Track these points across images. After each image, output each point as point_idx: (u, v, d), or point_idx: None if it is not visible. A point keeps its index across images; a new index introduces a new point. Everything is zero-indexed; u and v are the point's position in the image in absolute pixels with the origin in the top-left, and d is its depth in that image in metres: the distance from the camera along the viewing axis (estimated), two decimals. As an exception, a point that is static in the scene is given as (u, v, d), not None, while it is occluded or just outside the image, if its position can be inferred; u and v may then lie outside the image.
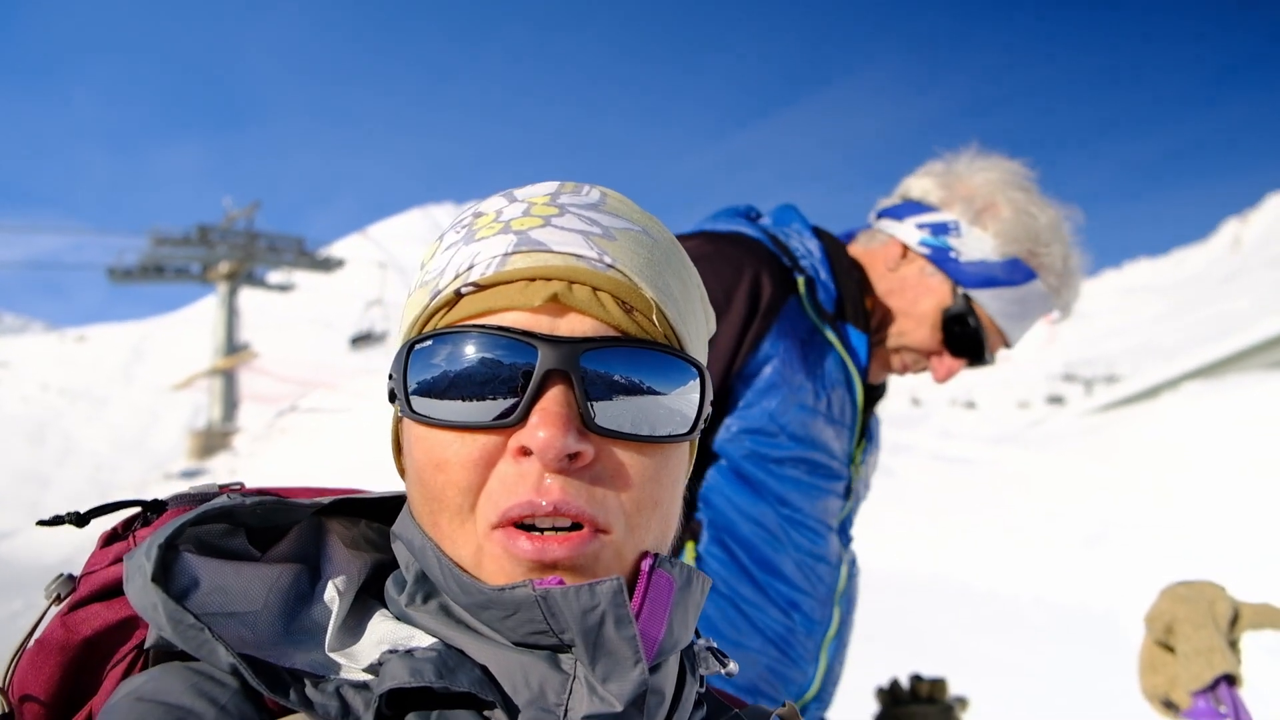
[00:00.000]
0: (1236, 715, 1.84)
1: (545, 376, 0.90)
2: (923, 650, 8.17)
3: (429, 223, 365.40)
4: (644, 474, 0.95)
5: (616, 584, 0.88)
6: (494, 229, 1.00)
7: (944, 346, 2.36)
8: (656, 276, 1.00)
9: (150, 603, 0.86)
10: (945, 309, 2.32)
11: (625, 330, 0.95)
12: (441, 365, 0.94)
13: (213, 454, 46.22)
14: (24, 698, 0.94)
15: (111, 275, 67.87)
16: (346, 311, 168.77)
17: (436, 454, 0.94)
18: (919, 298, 2.36)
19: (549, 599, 0.87)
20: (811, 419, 2.24)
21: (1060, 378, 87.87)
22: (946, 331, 2.34)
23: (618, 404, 0.93)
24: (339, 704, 0.86)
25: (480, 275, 0.96)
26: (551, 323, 0.93)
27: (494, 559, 0.92)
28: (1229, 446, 17.32)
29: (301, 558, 1.04)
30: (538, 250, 0.96)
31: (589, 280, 0.95)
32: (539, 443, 0.88)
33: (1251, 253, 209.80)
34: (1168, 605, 1.96)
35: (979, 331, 2.30)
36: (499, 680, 0.90)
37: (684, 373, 0.98)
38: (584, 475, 0.92)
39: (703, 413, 0.99)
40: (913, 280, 2.37)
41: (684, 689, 1.02)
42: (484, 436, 0.92)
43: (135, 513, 1.08)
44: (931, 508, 16.06)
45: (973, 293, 2.29)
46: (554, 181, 1.07)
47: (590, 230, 0.99)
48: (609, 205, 1.05)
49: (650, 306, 0.97)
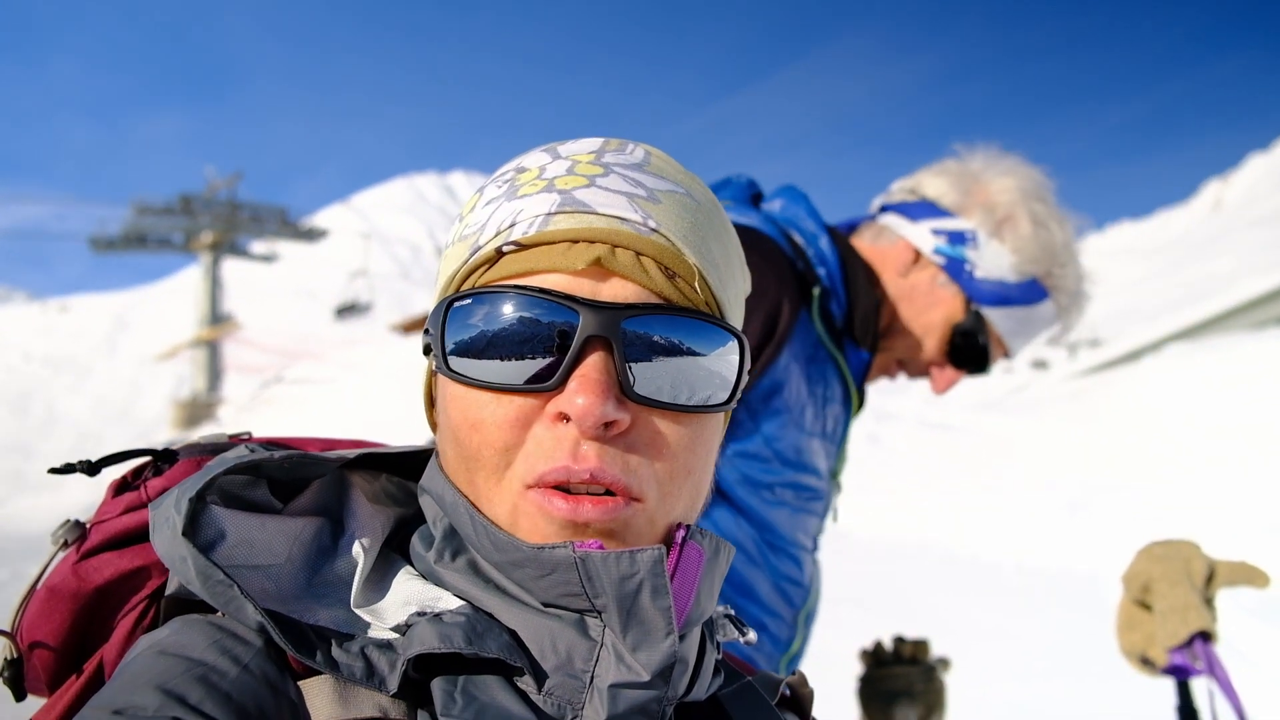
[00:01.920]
0: (1212, 671, 1.88)
1: (586, 342, 0.89)
2: (907, 615, 8.25)
3: (413, 193, 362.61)
4: (679, 443, 0.94)
5: (657, 553, 0.87)
6: (537, 186, 0.98)
7: (946, 358, 2.30)
8: (700, 241, 0.99)
9: (179, 555, 0.86)
10: (956, 324, 2.25)
11: (667, 297, 0.94)
12: (480, 324, 0.93)
13: (197, 424, 46.05)
14: (34, 644, 0.95)
15: (94, 245, 67.35)
16: (330, 282, 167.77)
17: (473, 414, 0.93)
18: (928, 308, 2.28)
19: (588, 562, 0.87)
20: (806, 440, 2.18)
21: (1043, 342, 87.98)
22: (952, 344, 2.27)
23: (656, 371, 0.92)
24: (364, 665, 0.86)
25: (522, 234, 0.94)
26: (594, 287, 0.92)
27: (528, 517, 0.91)
28: (1211, 409, 17.43)
29: (324, 511, 1.04)
30: (582, 211, 0.94)
31: (632, 244, 0.93)
32: (578, 409, 0.87)
33: (1233, 213, 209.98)
34: (1144, 564, 1.99)
35: (986, 347, 2.24)
36: (527, 645, 0.91)
37: (724, 341, 0.96)
38: (619, 443, 0.91)
39: (741, 381, 0.98)
40: (923, 289, 2.28)
41: (704, 657, 1.02)
42: (521, 399, 0.92)
43: (145, 462, 1.08)
44: (916, 474, 16.16)
45: (985, 309, 2.23)
46: (599, 138, 1.04)
47: (635, 192, 0.97)
48: (653, 165, 1.03)
49: (693, 273, 0.96)
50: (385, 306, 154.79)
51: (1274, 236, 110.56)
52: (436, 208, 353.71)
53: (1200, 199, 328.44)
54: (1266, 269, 39.05)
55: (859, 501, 13.91)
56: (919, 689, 2.28)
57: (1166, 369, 21.54)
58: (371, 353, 42.68)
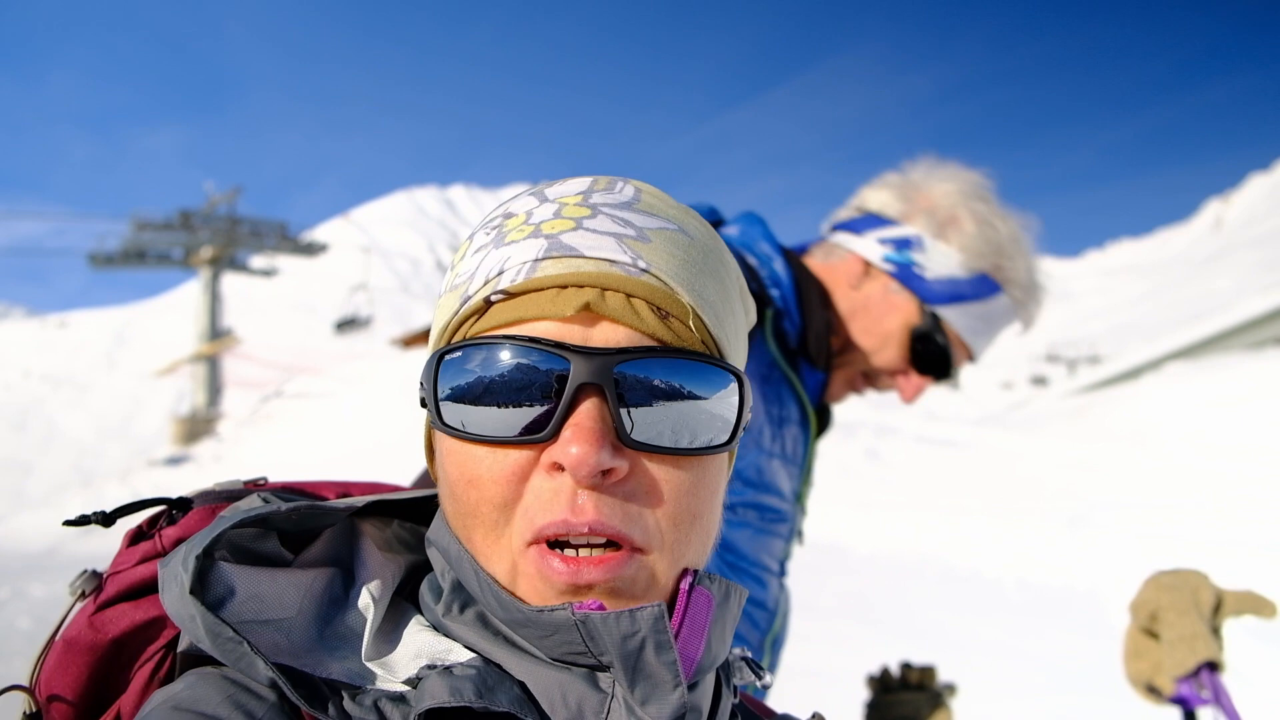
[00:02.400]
0: (1219, 700, 1.87)
1: (578, 390, 0.88)
2: (906, 631, 8.23)
3: (412, 206, 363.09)
4: (681, 487, 0.92)
5: (657, 610, 0.87)
6: (524, 232, 0.96)
7: (910, 365, 2.28)
8: (693, 279, 0.97)
9: (188, 614, 0.86)
10: (913, 328, 2.25)
11: (661, 338, 0.92)
12: (471, 375, 0.91)
13: (197, 440, 45.90)
14: (51, 697, 0.94)
15: (93, 261, 67.27)
16: (330, 296, 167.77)
17: (469, 469, 0.92)
18: (884, 316, 2.27)
19: (588, 624, 0.87)
20: (766, 461, 2.15)
21: (1043, 358, 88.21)
22: (913, 350, 2.26)
23: (654, 415, 0.90)
24: (376, 718, 0.86)
25: (510, 282, 0.93)
26: (584, 333, 0.90)
27: (528, 578, 0.90)
28: (1210, 427, 17.45)
29: (334, 560, 1.04)
30: (569, 256, 0.93)
31: (622, 286, 0.92)
32: (571, 459, 0.86)
33: (1233, 233, 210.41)
34: (1152, 593, 1.99)
35: (947, 349, 2.24)
36: (537, 698, 0.90)
37: (722, 380, 0.95)
38: (618, 491, 0.89)
39: (742, 420, 0.97)
40: (877, 298, 2.29)
41: (720, 703, 1.01)
42: (516, 451, 0.90)
43: (160, 511, 1.07)
44: (916, 490, 16.13)
45: (939, 309, 2.23)
46: (587, 177, 1.03)
47: (623, 232, 0.96)
48: (644, 203, 1.01)
49: (687, 312, 0.94)
50: (385, 320, 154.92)
51: (1274, 256, 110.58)
52: (437, 221, 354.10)
53: (1201, 218, 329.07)
54: (1266, 289, 39.11)
55: (859, 517, 13.90)
56: (925, 716, 2.28)
57: (1166, 387, 21.58)
58: (372, 367, 42.62)
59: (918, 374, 2.29)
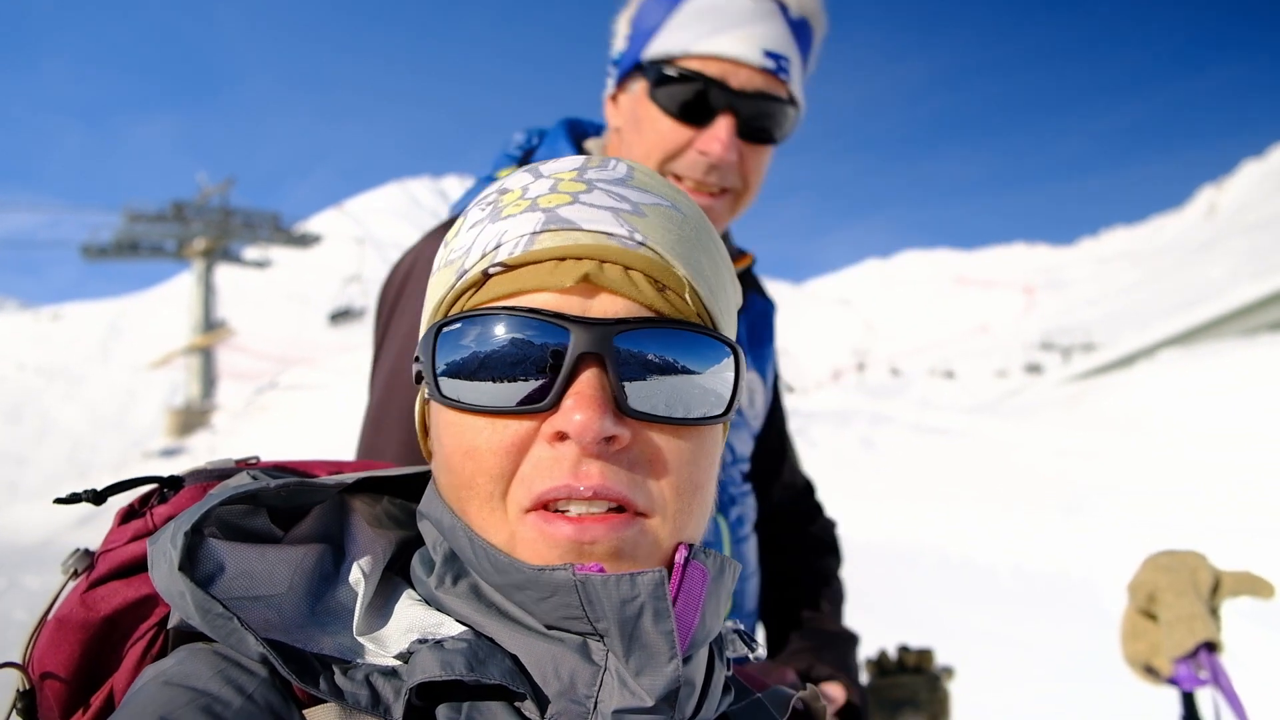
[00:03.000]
0: (1216, 680, 1.87)
1: (578, 359, 0.89)
2: (902, 619, 8.25)
3: (406, 197, 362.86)
4: (682, 457, 0.93)
5: (658, 576, 0.87)
6: (521, 206, 0.97)
7: (687, 122, 1.89)
8: (688, 253, 0.98)
9: (177, 590, 0.86)
10: (650, 91, 1.91)
11: (658, 310, 0.93)
12: (470, 348, 0.92)
13: (192, 432, 45.95)
14: (45, 675, 0.94)
15: (86, 253, 67.22)
16: (324, 287, 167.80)
17: (467, 440, 0.92)
18: (636, 117, 1.96)
19: (588, 585, 0.86)
20: None
21: (1038, 346, 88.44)
22: (670, 107, 1.88)
23: (651, 386, 0.91)
24: (369, 693, 0.85)
25: (508, 255, 0.93)
26: (583, 304, 0.91)
27: (528, 543, 0.90)
28: (1203, 414, 17.52)
29: (325, 537, 1.03)
30: (567, 228, 0.94)
31: (620, 259, 0.93)
32: (575, 426, 0.86)
33: (1227, 220, 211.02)
34: (1150, 574, 1.99)
35: (687, 73, 1.85)
36: (529, 670, 0.90)
37: (718, 352, 0.96)
38: (621, 459, 0.90)
39: (737, 392, 0.98)
40: (627, 113, 2.00)
41: (713, 675, 1.01)
42: (515, 422, 0.91)
43: (152, 489, 1.07)
44: (910, 478, 16.18)
45: (648, 53, 1.91)
46: (579, 156, 1.04)
47: (620, 207, 0.97)
48: (636, 180, 1.02)
49: (683, 285, 0.95)
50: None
51: (1267, 243, 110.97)
52: (430, 212, 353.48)
53: (1195, 205, 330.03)
54: (1259, 275, 39.25)
55: (853, 505, 13.92)
56: (923, 698, 2.28)
57: (1160, 374, 21.66)
58: (367, 358, 42.57)
59: (703, 125, 1.88)
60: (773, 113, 1.90)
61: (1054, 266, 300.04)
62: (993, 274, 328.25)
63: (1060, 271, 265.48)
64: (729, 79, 1.84)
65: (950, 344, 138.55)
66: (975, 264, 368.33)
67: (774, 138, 1.94)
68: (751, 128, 1.89)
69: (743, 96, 1.85)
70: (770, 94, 1.87)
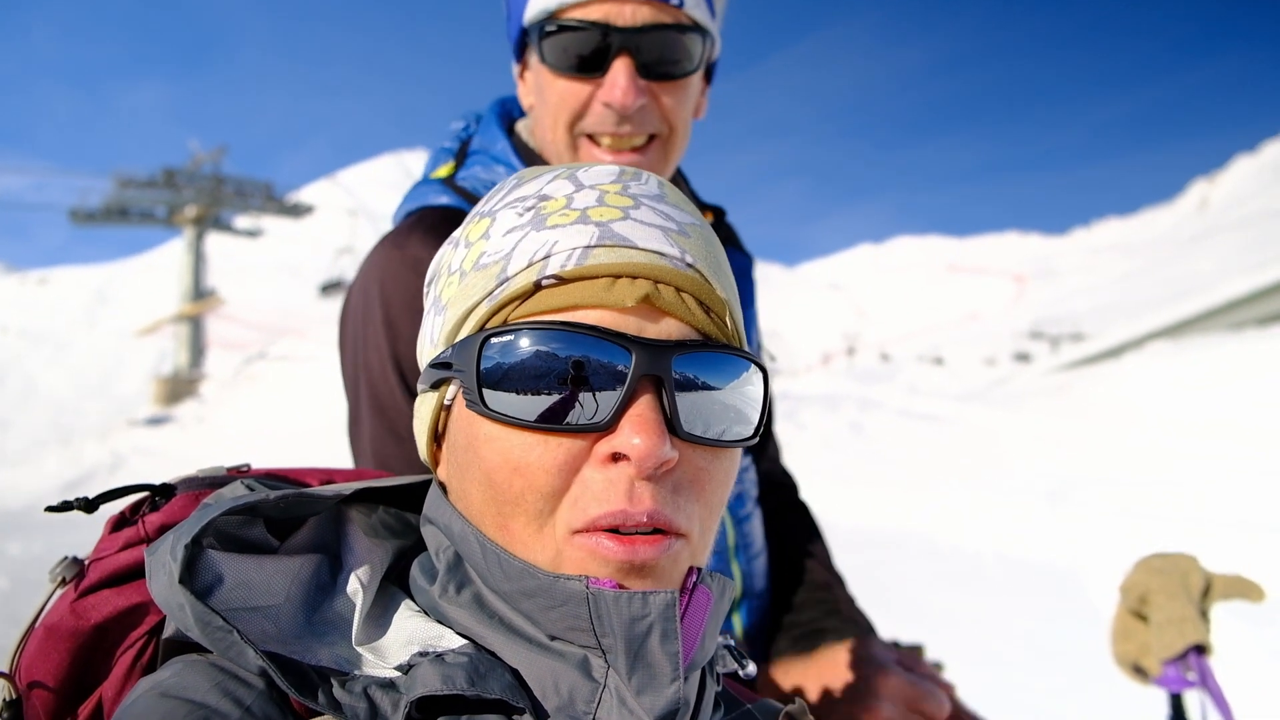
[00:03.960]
0: (1205, 683, 1.88)
1: (639, 381, 0.88)
2: (887, 606, 8.25)
3: (400, 169, 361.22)
4: (717, 478, 0.94)
5: (670, 597, 0.86)
6: (569, 217, 0.95)
7: (583, 76, 1.75)
8: (724, 274, 1.00)
9: (177, 603, 0.85)
10: (539, 54, 1.77)
11: (705, 332, 0.94)
12: (522, 360, 0.90)
13: (179, 400, 45.87)
14: (33, 684, 0.93)
15: (74, 217, 66.88)
16: (315, 258, 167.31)
17: (515, 456, 0.90)
18: (539, 86, 1.83)
19: (599, 600, 0.86)
20: None
21: (1027, 335, 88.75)
22: (560, 65, 1.75)
23: (699, 408, 0.92)
24: (367, 705, 0.85)
25: (560, 267, 0.91)
26: (640, 324, 0.90)
27: (576, 563, 0.89)
28: (1190, 406, 17.62)
29: (321, 547, 1.03)
30: (622, 245, 0.92)
31: (673, 280, 0.92)
32: (637, 450, 0.85)
33: (1218, 214, 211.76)
34: (1142, 576, 1.99)
35: (568, 24, 1.71)
36: (529, 684, 0.90)
37: (754, 375, 0.97)
38: (667, 482, 0.90)
39: (765, 413, 0.99)
40: (532, 86, 1.87)
41: (704, 692, 1.01)
42: (569, 440, 0.89)
43: (143, 497, 1.07)
44: (898, 465, 16.25)
45: (528, 15, 1.77)
46: (614, 166, 1.03)
47: (667, 226, 0.96)
48: (670, 196, 1.02)
49: (725, 307, 0.96)
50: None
51: (1257, 237, 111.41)
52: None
53: (1186, 198, 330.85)
54: (1249, 270, 39.40)
55: (841, 491, 13.98)
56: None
57: (1148, 365, 21.76)
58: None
59: (597, 75, 1.74)
60: (672, 43, 1.73)
61: (1045, 256, 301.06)
62: (984, 262, 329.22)
63: (1051, 261, 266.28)
64: (613, 19, 1.69)
65: (940, 331, 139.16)
66: (967, 251, 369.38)
67: (682, 70, 1.77)
68: (653, 66, 1.74)
69: (634, 33, 1.69)
70: (665, 24, 1.70)
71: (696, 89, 1.86)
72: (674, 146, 1.86)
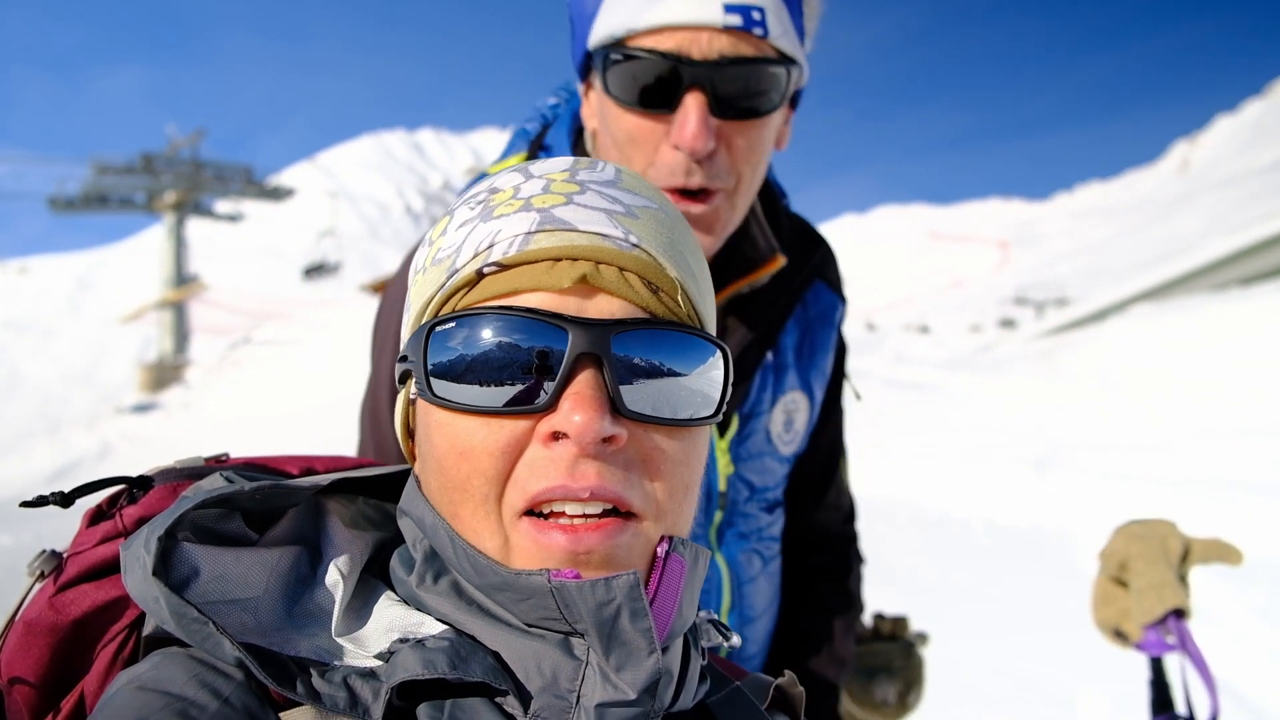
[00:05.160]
0: (1184, 646, 1.91)
1: (576, 360, 0.89)
2: (875, 574, 8.29)
3: (380, 150, 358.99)
4: (675, 458, 0.95)
5: (633, 578, 0.87)
6: (514, 206, 0.97)
7: (651, 112, 1.60)
8: (678, 255, 0.99)
9: (151, 596, 0.86)
10: (604, 84, 1.64)
11: (652, 311, 0.94)
12: (464, 348, 0.91)
13: (164, 387, 45.61)
14: (13, 680, 0.93)
15: (53, 205, 66.28)
16: (298, 242, 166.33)
17: (461, 441, 0.92)
18: (603, 116, 1.71)
19: (563, 591, 0.87)
20: None
21: (1012, 301, 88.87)
22: (627, 98, 1.61)
23: (645, 387, 0.92)
24: (347, 694, 0.86)
25: (503, 254, 0.93)
26: (580, 304, 0.91)
27: (523, 550, 0.91)
28: (1174, 368, 17.68)
29: (300, 539, 1.03)
30: (563, 229, 0.94)
31: (615, 260, 0.93)
32: (575, 426, 0.86)
33: (1200, 175, 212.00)
34: (1122, 542, 2.02)
35: (637, 53, 1.57)
36: (511, 667, 0.91)
37: (708, 353, 0.97)
38: (617, 459, 0.91)
39: (726, 393, 0.99)
40: (597, 112, 1.74)
41: (689, 665, 1.02)
42: (511, 422, 0.91)
43: (120, 490, 1.06)
44: (885, 432, 16.28)
45: (593, 40, 1.64)
46: (569, 157, 1.05)
47: (613, 208, 0.97)
48: (625, 182, 1.03)
49: (675, 286, 0.96)
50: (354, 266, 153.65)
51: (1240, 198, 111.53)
52: (405, 166, 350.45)
53: (1168, 160, 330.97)
54: (1231, 230, 39.50)
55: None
56: (898, 665, 2.31)
57: (1132, 329, 21.82)
58: (340, 313, 42.34)
59: (655, 113, 1.61)
60: (751, 78, 1.57)
61: (1028, 221, 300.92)
62: (967, 229, 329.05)
63: (1034, 226, 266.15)
64: (687, 50, 1.53)
65: (925, 299, 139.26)
66: (950, 219, 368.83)
67: (761, 109, 1.62)
68: (729, 103, 1.58)
69: (709, 66, 1.53)
70: (743, 57, 1.54)
71: (777, 125, 1.72)
72: (740, 195, 1.71)
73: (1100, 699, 5.49)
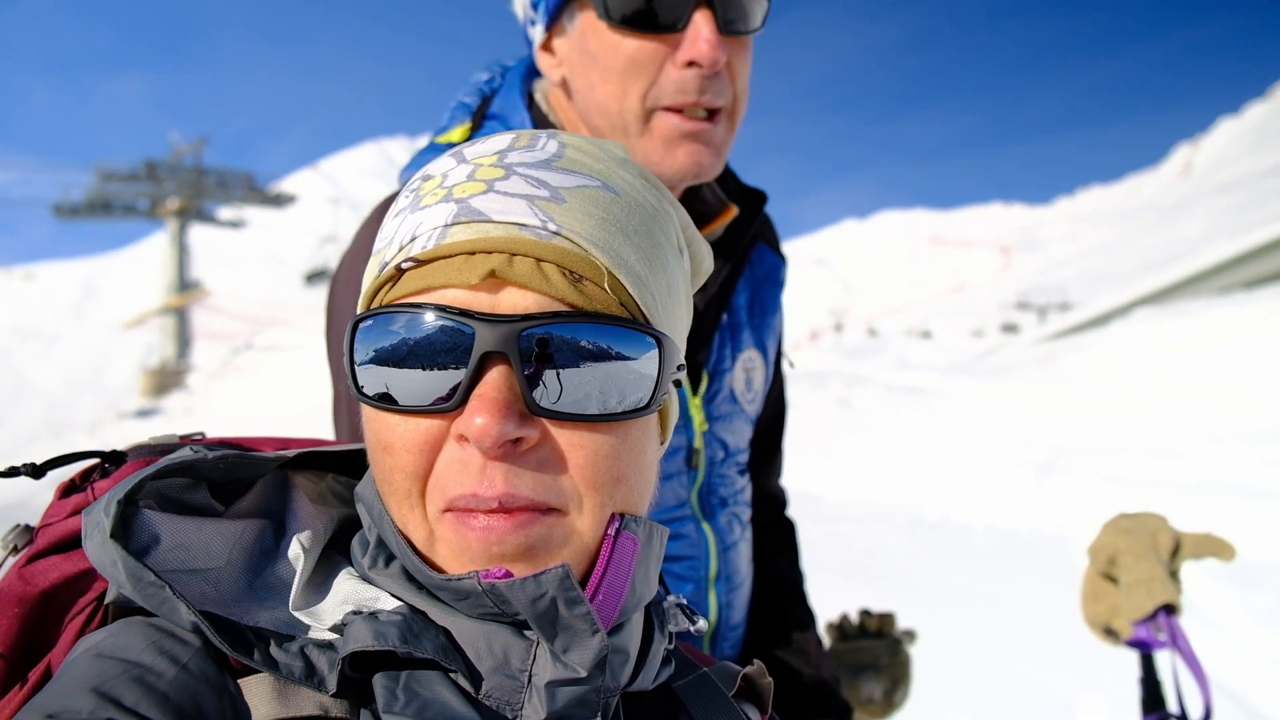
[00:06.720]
0: (1175, 642, 1.89)
1: (483, 358, 0.86)
2: (875, 578, 8.32)
3: (382, 157, 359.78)
4: (599, 452, 0.91)
5: (562, 571, 0.86)
6: (437, 196, 0.94)
7: (657, 33, 1.58)
8: (611, 239, 0.93)
9: (109, 559, 0.85)
10: (601, 10, 1.60)
11: (572, 303, 0.89)
12: (383, 344, 0.90)
13: (167, 392, 45.78)
14: None
15: (57, 212, 66.64)
16: (299, 248, 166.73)
17: (384, 436, 0.91)
18: (589, 55, 1.65)
19: (495, 591, 0.86)
20: None
21: (1014, 305, 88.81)
22: (632, 18, 1.57)
23: (564, 382, 0.88)
24: (303, 664, 0.85)
25: (421, 249, 0.91)
26: (491, 300, 0.88)
27: (446, 544, 0.90)
28: (1177, 372, 17.66)
29: (266, 513, 1.03)
30: (478, 220, 0.90)
31: (531, 251, 0.89)
32: (475, 430, 0.84)
33: (1202, 178, 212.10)
34: (1111, 537, 1.99)
35: None
36: (463, 647, 0.90)
37: (639, 343, 0.92)
38: (530, 459, 0.88)
39: (662, 384, 0.94)
40: (573, 57, 1.69)
41: (650, 645, 1.01)
42: (427, 420, 0.89)
43: (93, 464, 1.07)
44: (886, 437, 16.28)
45: None
46: (510, 133, 1.00)
47: (536, 194, 0.92)
48: (566, 159, 0.97)
49: (602, 275, 0.91)
50: None
51: (1242, 201, 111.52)
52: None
53: (1170, 163, 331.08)
54: (1234, 233, 39.48)
55: (829, 465, 14.02)
56: (884, 662, 2.28)
57: (1134, 333, 21.81)
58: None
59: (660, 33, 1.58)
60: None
61: (1030, 226, 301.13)
62: (969, 234, 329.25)
63: (1036, 231, 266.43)
64: None
65: (927, 304, 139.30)
66: (952, 224, 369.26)
67: (756, 25, 1.64)
68: (731, 17, 1.59)
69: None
70: None
71: None
72: (737, 116, 1.72)
73: (1099, 703, 5.47)
